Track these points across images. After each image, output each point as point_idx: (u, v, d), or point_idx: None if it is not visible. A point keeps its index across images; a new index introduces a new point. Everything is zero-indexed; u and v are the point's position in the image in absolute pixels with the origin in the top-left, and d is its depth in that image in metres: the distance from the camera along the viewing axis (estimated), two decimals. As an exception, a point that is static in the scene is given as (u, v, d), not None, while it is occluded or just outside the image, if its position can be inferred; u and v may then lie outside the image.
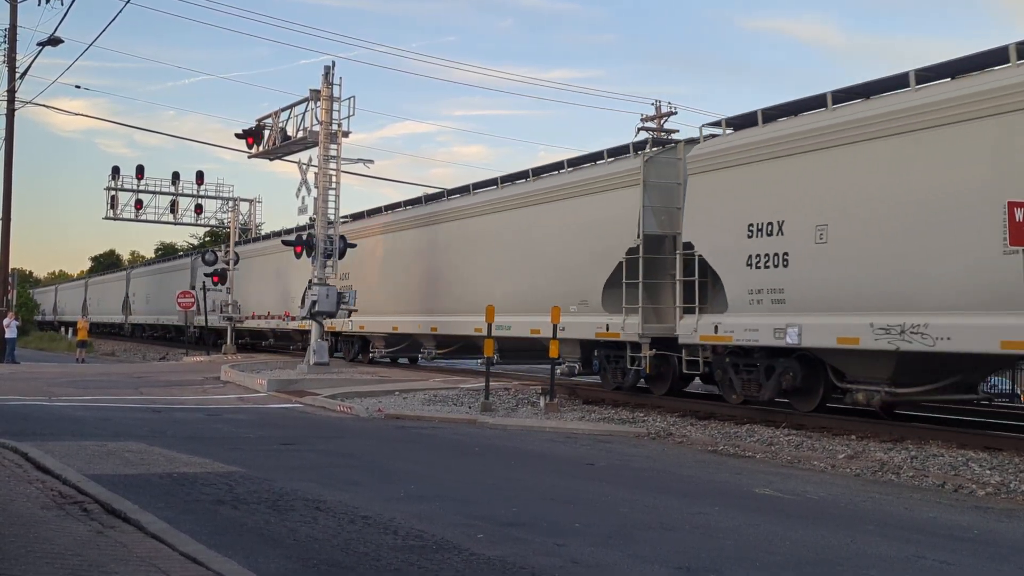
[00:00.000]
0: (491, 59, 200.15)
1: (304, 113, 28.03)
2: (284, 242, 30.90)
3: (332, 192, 27.54)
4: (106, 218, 41.88)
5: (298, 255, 28.75)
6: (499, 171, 27.20)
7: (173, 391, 23.23)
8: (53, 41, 35.34)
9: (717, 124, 18.26)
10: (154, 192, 42.22)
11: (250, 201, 44.91)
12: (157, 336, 59.31)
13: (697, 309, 17.67)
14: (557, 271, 21.56)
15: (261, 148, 30.09)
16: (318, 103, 27.26)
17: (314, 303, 27.01)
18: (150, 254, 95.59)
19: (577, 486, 10.65)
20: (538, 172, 23.55)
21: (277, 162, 32.06)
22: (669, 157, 19.57)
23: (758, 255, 16.29)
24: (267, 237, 43.70)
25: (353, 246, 29.08)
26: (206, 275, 41.56)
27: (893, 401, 15.19)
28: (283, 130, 29.07)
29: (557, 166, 22.89)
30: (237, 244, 42.81)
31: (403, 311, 29.07)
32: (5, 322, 36.39)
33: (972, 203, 12.88)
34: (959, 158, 13.18)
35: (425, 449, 13.90)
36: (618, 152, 20.57)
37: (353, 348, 33.84)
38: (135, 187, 41.78)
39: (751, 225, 16.44)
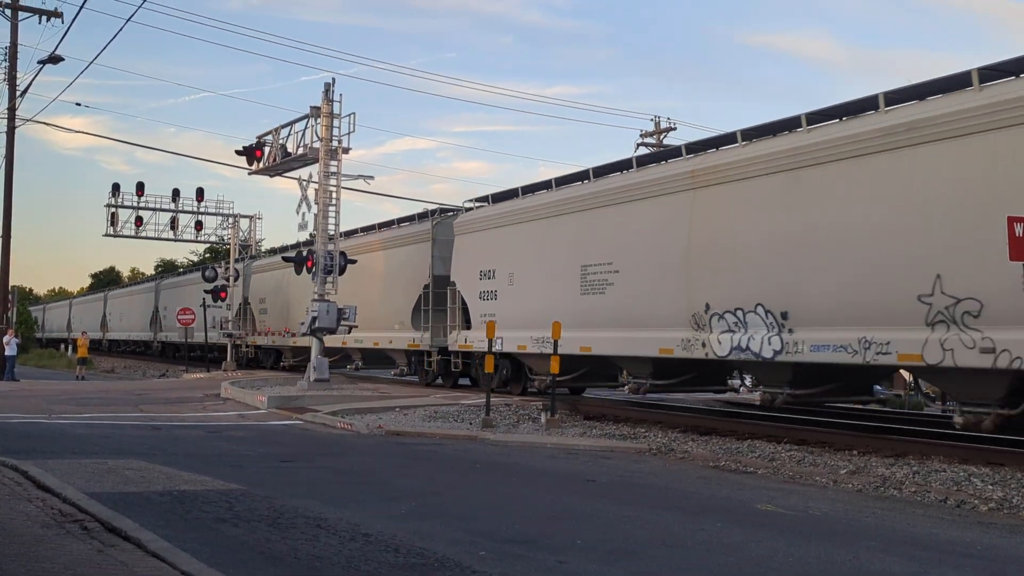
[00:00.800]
0: (491, 75, 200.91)
1: (304, 130, 28.11)
2: (284, 258, 30.91)
3: (332, 208, 27.58)
4: (106, 235, 41.89)
5: (299, 272, 28.78)
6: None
7: (173, 408, 23.20)
8: (54, 59, 35.41)
9: (481, 199, 26.37)
10: (154, 209, 42.25)
11: (250, 217, 44.93)
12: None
13: (459, 326, 25.74)
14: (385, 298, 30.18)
15: (261, 165, 30.15)
16: (318, 120, 27.32)
17: (314, 319, 27.01)
18: (150, 271, 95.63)
19: (579, 502, 10.62)
20: (367, 229, 33.39)
21: (277, 179, 32.13)
22: (448, 221, 27.95)
23: (483, 291, 24.90)
24: (272, 252, 43.74)
25: (353, 262, 29.10)
26: (206, 291, 41.56)
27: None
28: (283, 147, 29.13)
29: (387, 224, 32.30)
30: (238, 260, 42.84)
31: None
32: (5, 339, 36.35)
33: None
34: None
35: (426, 466, 13.87)
36: (412, 219, 30.59)
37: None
38: (135, 204, 41.80)
39: (481, 271, 25.06)
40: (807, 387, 17.10)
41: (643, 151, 42.23)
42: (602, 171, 21.83)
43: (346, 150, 27.34)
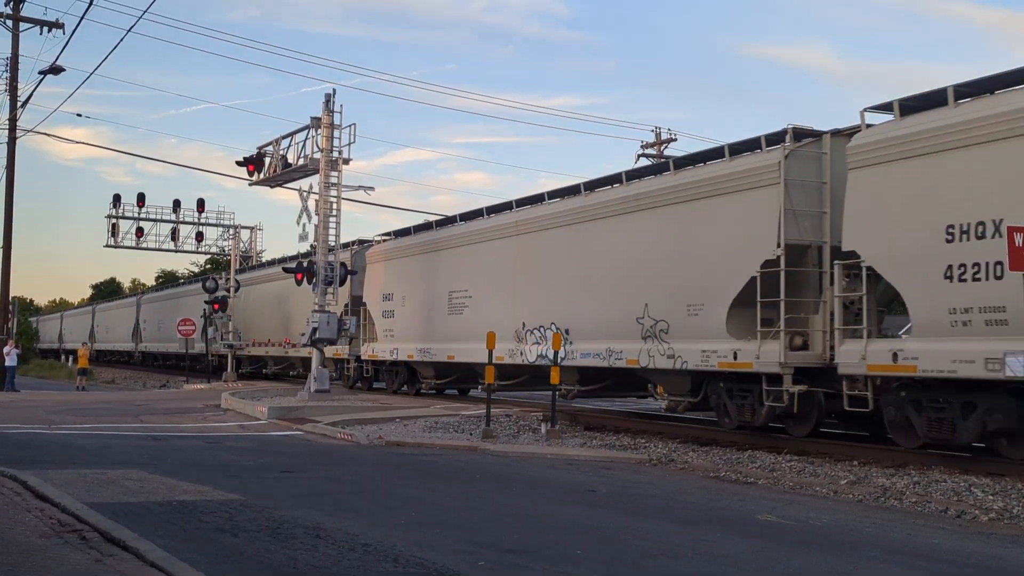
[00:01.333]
0: (492, 87, 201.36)
1: (305, 141, 28.16)
2: (285, 269, 30.98)
3: (333, 219, 27.61)
4: (107, 246, 42.06)
5: (299, 282, 28.80)
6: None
7: (173, 419, 23.18)
8: (55, 70, 35.52)
9: (387, 234, 27.07)
10: (155, 220, 42.39)
11: (251, 228, 45.03)
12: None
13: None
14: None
15: (262, 176, 30.18)
16: (319, 131, 27.37)
17: (315, 330, 27.01)
18: (151, 282, 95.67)
19: (579, 513, 10.60)
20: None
21: (278, 189, 32.21)
22: (362, 251, 29.34)
23: (384, 310, 23.85)
24: (269, 264, 43.84)
25: (354, 273, 29.12)
26: (206, 302, 41.59)
27: None
28: (284, 158, 29.17)
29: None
30: (239, 271, 42.85)
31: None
32: (5, 350, 36.36)
33: None
34: None
35: (426, 476, 13.85)
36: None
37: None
38: (136, 215, 41.94)
39: (383, 294, 25.18)
40: (590, 384, 22.28)
41: (644, 162, 42.38)
42: (467, 216, 27.57)
43: (346, 161, 27.39)
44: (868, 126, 15.30)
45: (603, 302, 20.58)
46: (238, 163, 30.50)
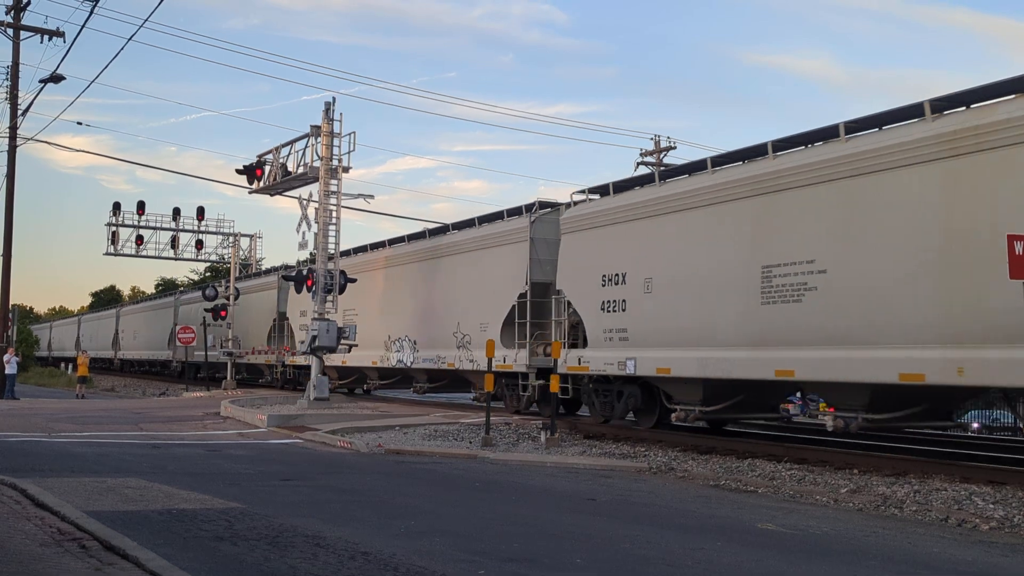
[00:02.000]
0: (491, 94, 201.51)
1: (305, 149, 28.23)
2: (284, 277, 31.01)
3: (332, 227, 27.64)
4: (107, 254, 41.98)
5: (299, 290, 28.81)
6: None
7: (173, 427, 23.17)
8: (55, 78, 35.54)
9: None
10: (155, 228, 42.35)
11: (251, 236, 45.03)
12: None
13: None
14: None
15: (262, 184, 30.23)
16: (318, 139, 27.43)
17: (314, 338, 27.01)
18: (151, 289, 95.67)
19: (579, 521, 10.59)
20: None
21: (278, 198, 32.23)
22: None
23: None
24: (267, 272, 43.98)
25: (353, 280, 29.15)
26: (206, 310, 41.61)
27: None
28: (284, 166, 29.23)
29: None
30: (239, 279, 42.90)
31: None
32: (5, 358, 36.32)
33: None
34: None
35: (425, 484, 13.84)
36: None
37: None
38: (136, 223, 41.90)
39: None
40: (436, 382, 29.75)
41: (643, 170, 42.37)
42: (359, 249, 34.71)
43: (346, 169, 27.45)
44: (576, 203, 22.39)
45: (435, 321, 28.14)
46: (238, 171, 30.54)
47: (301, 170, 28.31)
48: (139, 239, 42.04)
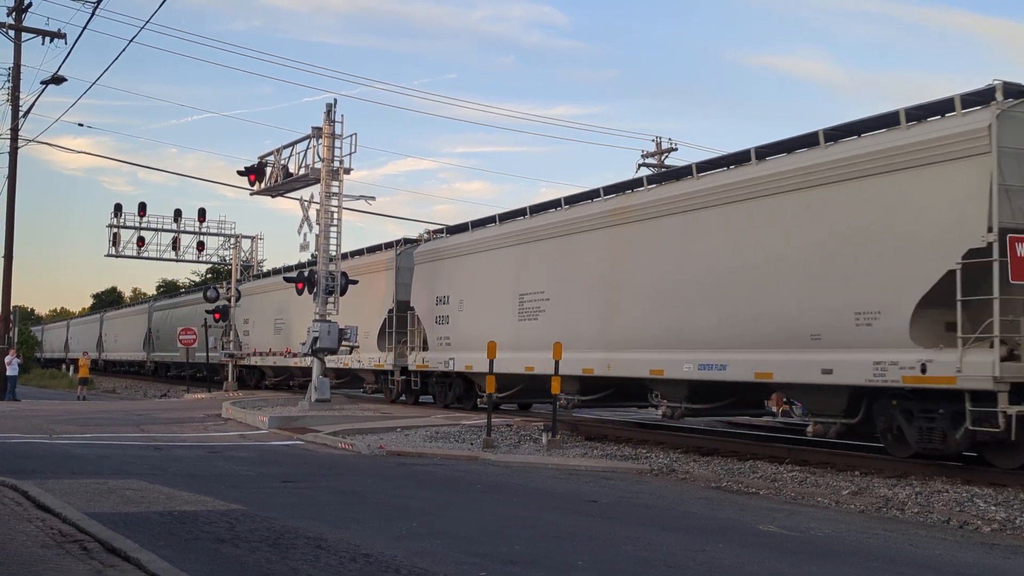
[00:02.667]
0: (493, 96, 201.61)
1: (306, 150, 28.21)
2: (286, 279, 31.02)
3: (334, 229, 27.63)
4: (108, 255, 41.92)
5: (299, 291, 28.80)
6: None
7: (174, 428, 23.17)
8: (57, 80, 35.59)
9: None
10: (156, 229, 42.30)
11: (252, 238, 45.00)
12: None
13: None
14: None
15: (263, 185, 30.22)
16: (320, 140, 27.42)
17: (315, 339, 27.00)
18: (152, 291, 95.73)
19: (580, 523, 10.59)
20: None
21: (279, 199, 32.23)
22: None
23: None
24: (267, 275, 43.99)
25: (355, 282, 29.15)
26: (207, 311, 41.62)
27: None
28: (285, 167, 29.21)
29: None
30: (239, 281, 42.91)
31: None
32: (7, 359, 36.36)
33: None
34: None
35: (427, 486, 13.84)
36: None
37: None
38: (137, 224, 41.85)
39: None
40: (343, 379, 34.61)
41: (644, 171, 42.37)
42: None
43: (347, 171, 27.44)
44: (425, 240, 29.58)
45: (363, 328, 31.32)
46: (239, 173, 30.52)
47: (302, 172, 28.30)
48: (140, 241, 42.00)
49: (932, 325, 13.55)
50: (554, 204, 23.19)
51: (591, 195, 21.92)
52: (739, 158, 17.71)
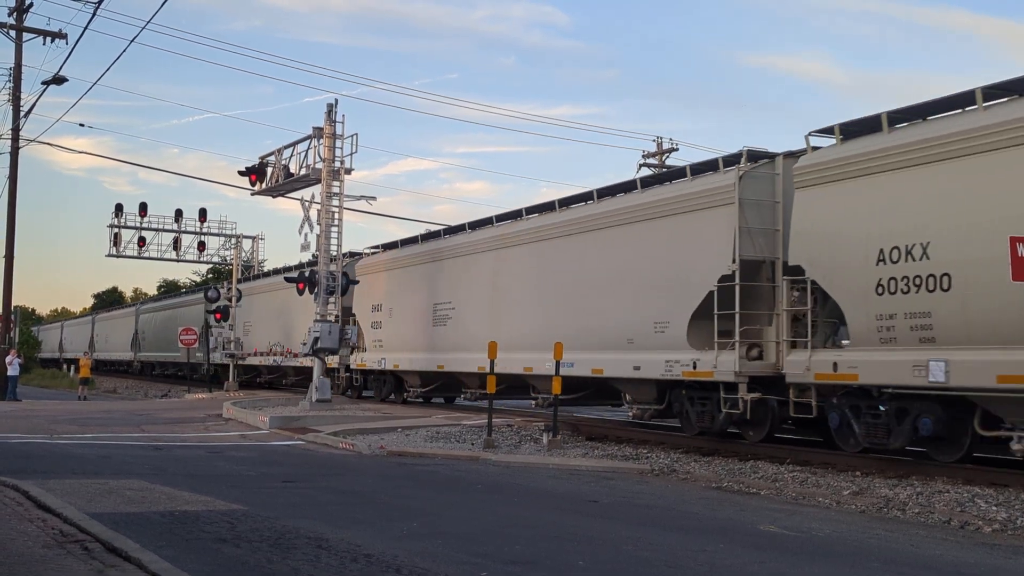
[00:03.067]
0: (493, 96, 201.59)
1: (307, 150, 28.18)
2: (287, 279, 31.01)
3: (335, 229, 27.61)
4: (109, 255, 41.95)
5: (300, 292, 28.79)
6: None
7: (175, 428, 23.18)
8: (58, 80, 35.58)
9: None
10: (157, 229, 42.35)
11: (253, 238, 45.02)
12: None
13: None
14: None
15: (264, 185, 30.21)
16: (321, 140, 27.40)
17: (316, 340, 27.00)
18: (153, 291, 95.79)
19: (581, 523, 10.59)
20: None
21: (280, 199, 32.23)
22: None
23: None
24: (267, 274, 44.04)
25: (356, 282, 29.12)
26: (208, 311, 41.62)
27: None
28: (286, 167, 29.20)
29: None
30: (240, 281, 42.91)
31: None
32: (8, 359, 36.37)
33: None
34: None
35: (428, 486, 13.84)
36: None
37: None
38: (138, 224, 41.89)
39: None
40: (300, 376, 37.44)
41: (645, 172, 42.42)
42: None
43: (348, 171, 27.41)
44: (364, 256, 33.48)
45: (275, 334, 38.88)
46: (240, 173, 30.51)
47: (303, 172, 28.29)
48: (141, 241, 42.04)
49: (703, 333, 17.41)
50: (460, 228, 27.90)
51: (486, 222, 26.56)
52: (584, 197, 22.36)
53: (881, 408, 14.65)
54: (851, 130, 15.47)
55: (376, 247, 33.35)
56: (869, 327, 14.51)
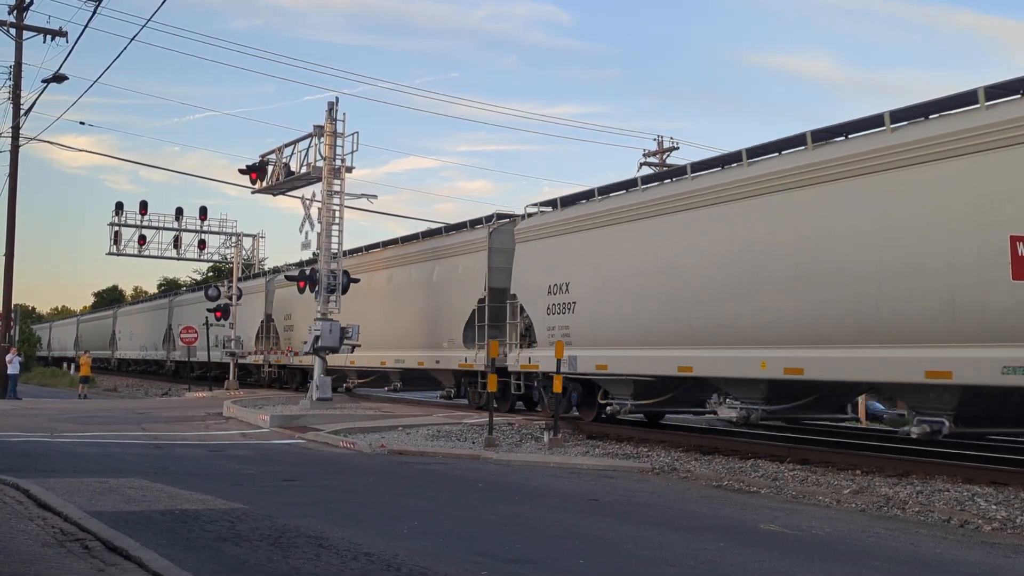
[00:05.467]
0: (495, 95, 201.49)
1: (308, 149, 28.20)
2: (287, 277, 31.03)
3: (335, 227, 27.61)
4: (109, 254, 41.87)
5: (301, 290, 28.79)
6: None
7: (175, 427, 23.17)
8: (58, 78, 35.53)
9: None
10: (158, 228, 42.26)
11: (253, 236, 44.98)
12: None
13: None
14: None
15: (265, 184, 30.21)
16: (321, 139, 27.40)
17: (316, 338, 26.99)
18: (153, 289, 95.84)
19: (582, 522, 10.59)
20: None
21: (281, 198, 32.22)
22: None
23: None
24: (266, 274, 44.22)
25: (356, 280, 29.12)
26: (209, 310, 41.62)
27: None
28: (287, 166, 29.21)
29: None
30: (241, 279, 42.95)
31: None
32: (8, 358, 36.36)
33: None
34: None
35: (428, 485, 13.84)
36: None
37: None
38: (139, 223, 41.81)
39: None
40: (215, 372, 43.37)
41: (646, 171, 42.42)
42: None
43: (349, 169, 27.41)
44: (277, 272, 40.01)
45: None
46: (241, 171, 30.51)
47: (304, 170, 28.29)
48: (142, 239, 41.96)
49: (473, 338, 26.17)
50: (376, 246, 33.56)
51: (414, 237, 31.74)
52: (434, 232, 30.82)
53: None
54: (547, 204, 23.79)
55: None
56: (543, 334, 22.57)
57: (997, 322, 12.74)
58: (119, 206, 41.77)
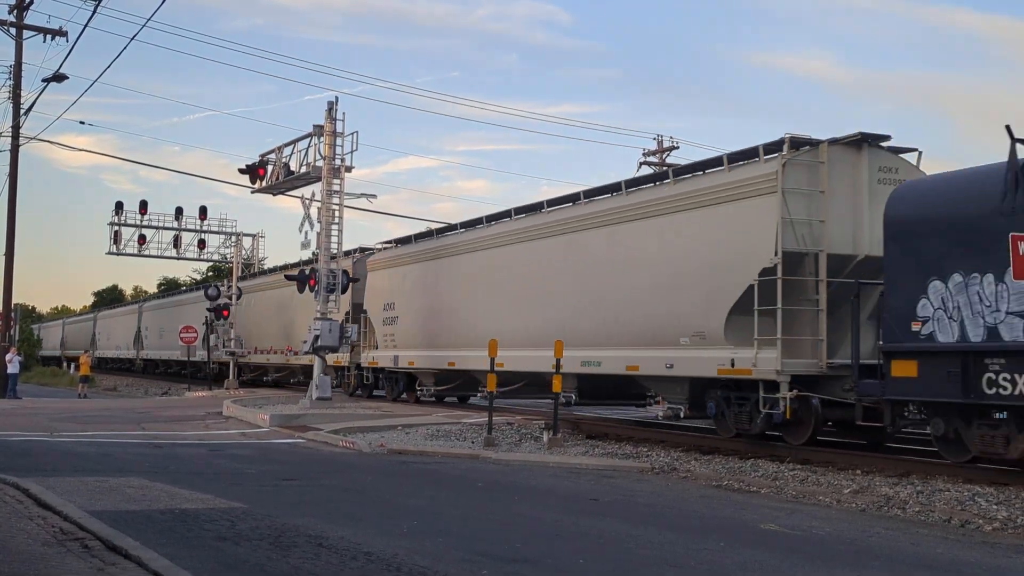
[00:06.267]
0: (494, 94, 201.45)
1: (307, 148, 28.18)
2: (287, 277, 31.03)
3: (335, 227, 27.61)
4: (109, 253, 41.89)
5: (301, 290, 28.78)
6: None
7: (175, 427, 23.17)
8: (58, 77, 35.52)
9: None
10: (157, 227, 42.27)
11: (253, 236, 44.99)
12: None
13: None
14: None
15: (264, 183, 30.20)
16: (321, 138, 27.40)
17: (316, 338, 26.99)
18: (153, 289, 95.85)
19: (581, 522, 10.58)
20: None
21: (280, 197, 32.21)
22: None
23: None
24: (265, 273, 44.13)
25: (356, 280, 29.10)
26: (208, 310, 41.63)
27: None
28: (286, 165, 29.20)
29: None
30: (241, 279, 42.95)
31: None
32: (8, 357, 36.37)
33: None
34: None
35: (428, 484, 13.84)
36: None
37: None
38: (138, 222, 41.82)
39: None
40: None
41: (646, 170, 42.44)
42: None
43: (349, 169, 27.41)
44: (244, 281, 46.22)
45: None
46: (241, 171, 30.50)
47: (304, 170, 28.29)
48: (142, 239, 41.96)
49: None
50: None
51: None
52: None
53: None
54: (390, 242, 32.01)
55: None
56: (381, 339, 30.39)
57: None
58: (119, 206, 41.79)
